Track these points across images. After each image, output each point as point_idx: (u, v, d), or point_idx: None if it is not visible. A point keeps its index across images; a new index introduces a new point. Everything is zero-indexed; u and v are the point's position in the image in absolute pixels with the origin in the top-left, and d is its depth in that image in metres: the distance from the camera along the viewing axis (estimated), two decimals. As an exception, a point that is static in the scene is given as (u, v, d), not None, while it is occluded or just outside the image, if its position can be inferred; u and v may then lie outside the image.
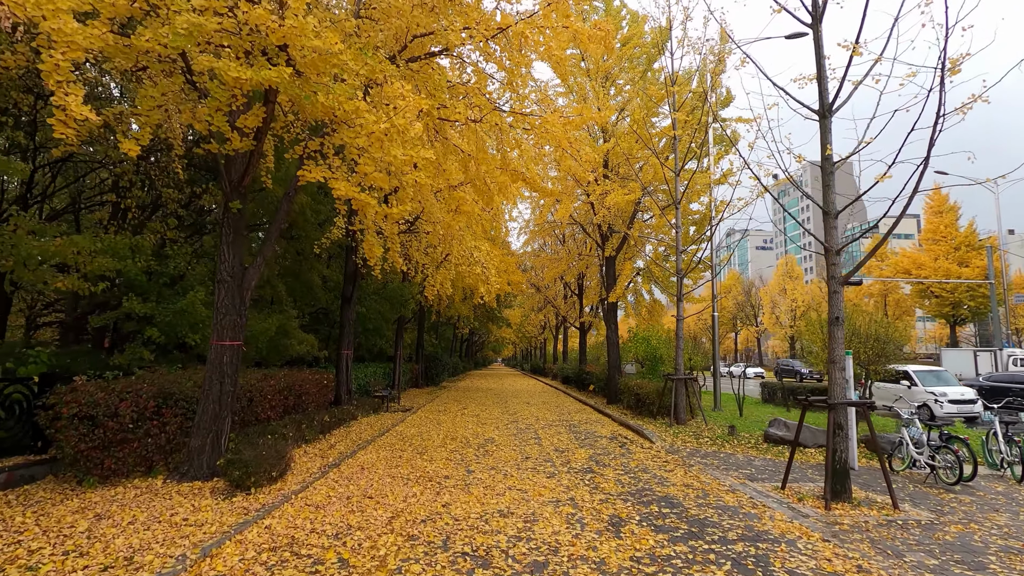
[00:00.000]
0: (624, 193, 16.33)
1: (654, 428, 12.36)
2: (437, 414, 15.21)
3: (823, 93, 7.16)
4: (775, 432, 10.61)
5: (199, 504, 5.62)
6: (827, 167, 7.04)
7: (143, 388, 6.44)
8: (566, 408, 17.63)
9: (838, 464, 6.58)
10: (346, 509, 5.76)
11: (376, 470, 7.75)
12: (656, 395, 13.99)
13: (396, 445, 9.90)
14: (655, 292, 20.60)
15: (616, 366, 18.30)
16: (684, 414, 12.96)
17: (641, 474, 7.96)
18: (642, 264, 19.51)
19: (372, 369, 16.62)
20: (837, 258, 6.97)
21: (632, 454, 9.61)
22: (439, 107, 7.29)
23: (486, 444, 10.29)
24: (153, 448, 6.52)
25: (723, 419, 14.01)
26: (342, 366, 12.53)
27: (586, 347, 26.13)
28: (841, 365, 6.82)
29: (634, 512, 5.98)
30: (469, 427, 12.61)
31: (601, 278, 20.80)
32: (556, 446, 10.26)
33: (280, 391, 9.31)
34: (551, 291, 29.47)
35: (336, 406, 12.28)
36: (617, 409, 16.47)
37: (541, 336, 52.18)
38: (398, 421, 13.05)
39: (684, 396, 13.04)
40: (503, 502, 6.25)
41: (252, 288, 6.82)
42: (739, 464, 8.79)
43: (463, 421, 13.70)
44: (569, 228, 25.80)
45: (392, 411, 15.24)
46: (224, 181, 6.61)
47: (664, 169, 14.41)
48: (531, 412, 16.21)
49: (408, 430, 11.84)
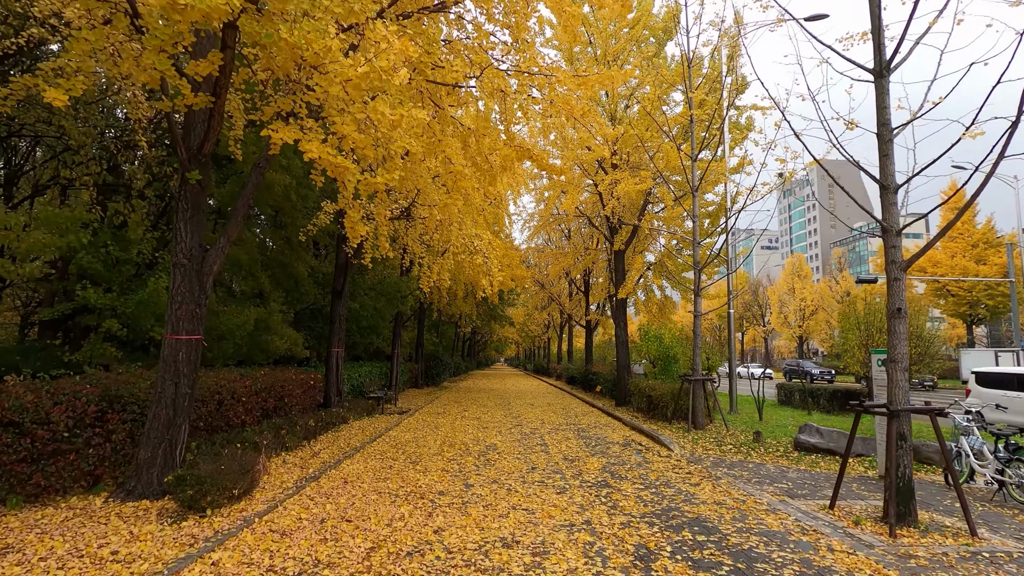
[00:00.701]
0: (635, 182, 15.36)
1: (670, 433, 11.35)
2: (435, 417, 14.23)
3: (879, 48, 6.16)
4: (807, 439, 9.59)
5: (139, 531, 4.65)
6: (885, 134, 6.03)
7: (84, 390, 5.48)
8: (573, 410, 16.64)
9: (902, 482, 5.57)
10: (317, 537, 4.77)
11: (361, 484, 6.77)
12: (671, 397, 12.98)
13: (387, 453, 8.92)
14: (666, 288, 19.58)
15: (625, 366, 17.29)
16: (702, 418, 11.95)
17: (664, 489, 6.96)
18: (653, 258, 18.50)
19: (367, 368, 15.67)
20: (897, 239, 5.95)
21: (650, 464, 8.60)
22: (433, 67, 6.32)
23: (487, 452, 9.31)
24: (96, 460, 5.56)
25: (742, 423, 13.00)
26: (332, 365, 11.58)
27: (592, 346, 25.13)
28: (904, 365, 5.80)
29: (663, 540, 4.98)
30: (469, 431, 11.63)
31: (609, 273, 19.80)
32: (565, 454, 9.27)
33: (257, 393, 8.35)
34: (556, 288, 28.47)
35: (325, 408, 11.31)
36: (627, 412, 15.47)
37: (545, 335, 51.18)
38: (393, 425, 12.08)
39: (703, 399, 12.03)
40: (507, 526, 5.26)
41: (214, 273, 5.86)
42: (772, 476, 7.78)
43: (463, 425, 12.72)
44: (575, 222, 24.82)
45: (388, 413, 14.28)
46: (180, 147, 5.65)
47: (680, 155, 13.41)
48: (536, 415, 15.22)
49: (403, 435, 10.86)
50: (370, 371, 15.92)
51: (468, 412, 15.59)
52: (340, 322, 11.74)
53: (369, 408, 13.44)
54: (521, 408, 16.97)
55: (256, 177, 6.07)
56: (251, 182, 6.04)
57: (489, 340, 68.37)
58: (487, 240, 9.76)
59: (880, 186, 6.05)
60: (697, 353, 12.08)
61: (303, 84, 5.35)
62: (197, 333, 5.77)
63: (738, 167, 16.71)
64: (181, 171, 5.72)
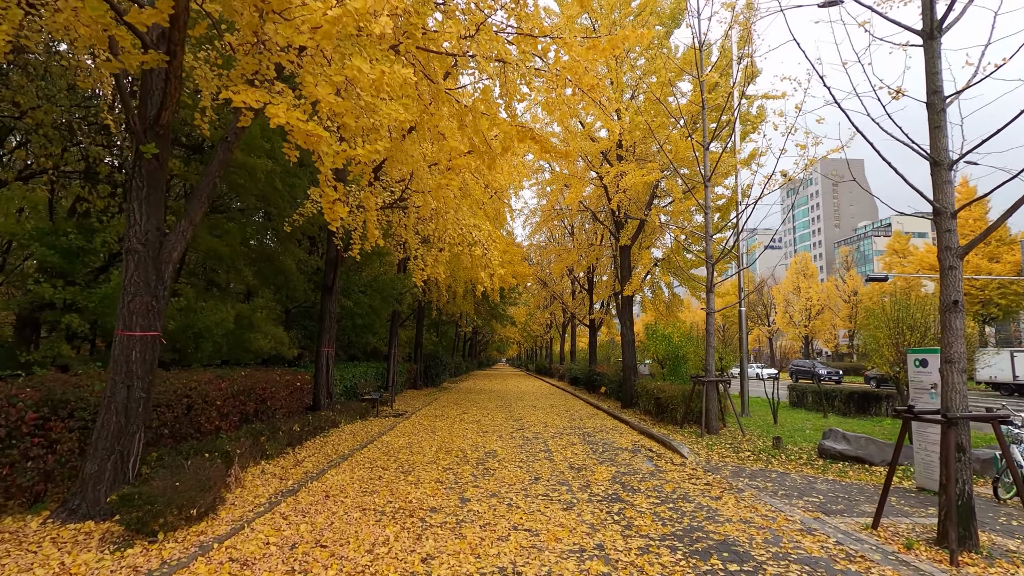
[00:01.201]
0: (642, 174, 14.65)
1: (682, 439, 10.62)
2: (433, 420, 13.52)
3: (930, 6, 5.43)
4: (833, 446, 8.85)
5: (72, 561, 3.94)
6: (937, 103, 5.30)
7: (22, 394, 4.77)
8: (577, 413, 15.92)
9: (962, 500, 4.84)
10: (283, 568, 4.06)
11: (344, 499, 6.06)
12: (681, 400, 12.25)
13: (378, 461, 8.20)
14: (674, 286, 18.83)
15: (632, 366, 16.57)
16: (716, 422, 11.22)
17: (683, 504, 6.24)
18: (660, 254, 17.76)
19: (362, 369, 14.97)
20: (952, 222, 5.22)
21: (664, 473, 7.88)
22: (424, 32, 5.61)
23: (486, 459, 8.59)
24: (37, 475, 4.86)
25: (756, 427, 12.27)
26: (322, 365, 10.88)
27: (596, 346, 24.40)
28: (961, 366, 5.07)
29: (690, 571, 4.26)
30: (468, 436, 10.92)
31: (615, 270, 19.07)
32: (571, 461, 8.55)
33: (235, 395, 7.63)
34: (558, 286, 27.75)
35: (314, 412, 10.61)
36: (634, 414, 14.74)
37: (547, 335, 50.48)
38: (387, 429, 11.37)
39: (716, 401, 11.30)
40: (507, 552, 4.55)
41: (174, 261, 5.15)
42: (799, 488, 7.05)
43: (461, 428, 12.01)
44: (579, 218, 24.12)
45: (383, 416, 13.57)
46: (133, 117, 4.95)
47: (691, 143, 12.70)
48: (538, 417, 14.50)
49: (396, 440, 10.15)
50: (365, 372, 15.22)
51: (467, 415, 14.88)
52: (330, 320, 11.03)
53: (363, 411, 12.73)
54: (523, 410, 16.25)
55: (224, 153, 5.36)
56: (218, 158, 5.33)
57: (491, 340, 67.65)
58: (487, 231, 9.05)
59: (931, 162, 5.32)
60: (710, 353, 11.35)
61: (273, 41, 4.64)
62: (153, 329, 5.06)
63: (750, 158, 16.01)
64: (135, 145, 5.01)
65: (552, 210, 19.92)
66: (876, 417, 15.08)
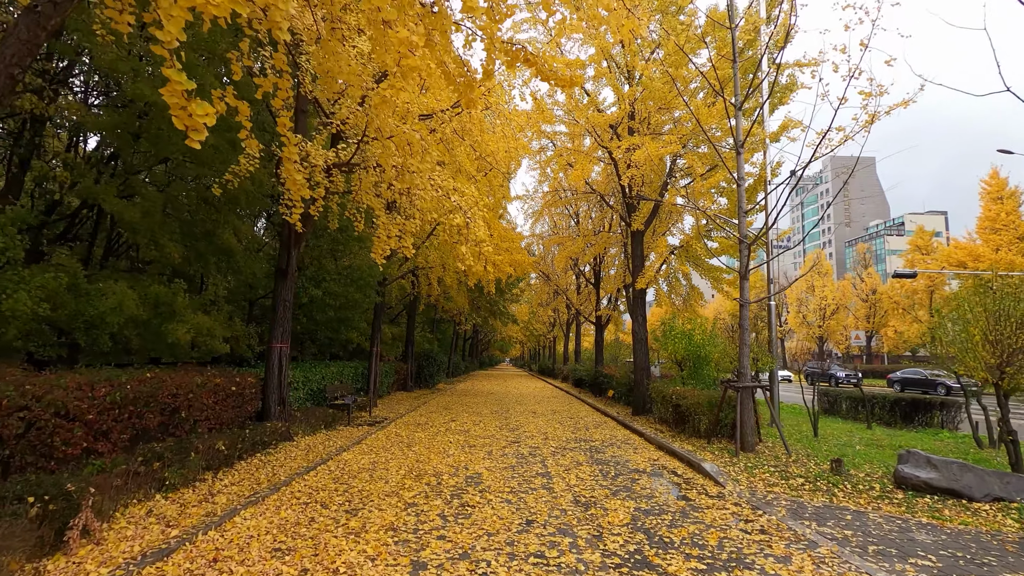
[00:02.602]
0: (658, 146, 12.71)
1: (712, 458, 8.64)
2: (414, 429, 11.58)
3: None
4: (915, 474, 6.83)
5: None
6: None
7: None
8: (582, 420, 13.94)
9: None
10: None
11: (238, 563, 4.11)
12: (707, 408, 10.27)
13: (320, 493, 6.25)
14: (692, 277, 16.80)
15: (645, 368, 14.59)
16: (752, 437, 9.23)
17: (740, 571, 4.26)
18: (677, 241, 15.75)
19: (336, 369, 13.04)
20: None
21: (700, 512, 5.90)
22: None
23: (466, 488, 6.64)
24: None
25: (794, 441, 10.27)
26: (273, 365, 8.96)
27: (603, 345, 22.40)
28: None
29: None
30: (450, 452, 8.97)
31: (625, 259, 17.06)
32: (576, 491, 6.59)
33: (120, 406, 5.69)
34: (562, 280, 25.76)
35: (261, 422, 8.69)
36: (648, 423, 12.76)
37: (550, 334, 48.52)
38: (353, 442, 9.43)
39: (753, 411, 9.31)
40: None
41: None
42: (895, 541, 5.06)
43: (445, 441, 10.06)
44: (584, 204, 22.14)
45: (356, 424, 11.64)
46: None
47: (719, 106, 10.74)
48: (538, 426, 12.54)
49: (359, 459, 8.21)
50: (340, 372, 13.29)
51: (456, 422, 12.94)
52: (285, 309, 9.11)
53: (330, 419, 10.81)
54: (521, 417, 14.28)
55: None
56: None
57: (493, 339, 65.76)
58: (471, 197, 7.10)
59: None
60: (745, 353, 9.35)
61: None
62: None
63: (779, 132, 14.02)
64: None
65: (554, 193, 17.91)
66: (929, 429, 13.04)
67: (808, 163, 8.42)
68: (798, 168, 8.45)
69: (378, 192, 7.26)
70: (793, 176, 8.39)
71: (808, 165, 8.44)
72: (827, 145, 8.50)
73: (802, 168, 8.40)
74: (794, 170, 8.39)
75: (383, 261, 6.92)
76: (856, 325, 52.16)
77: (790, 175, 8.42)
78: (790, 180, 8.45)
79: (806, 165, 8.40)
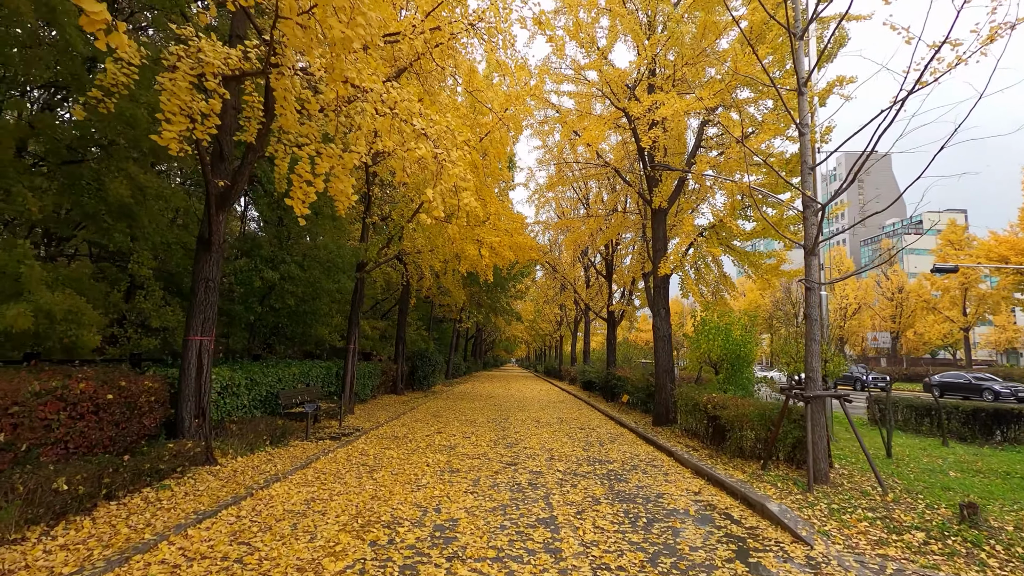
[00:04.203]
0: (686, 103, 10.49)
1: (776, 493, 6.37)
2: (387, 444, 9.37)
3: None
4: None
5: None
6: None
7: None
8: (594, 432, 11.67)
9: None
10: None
11: None
12: (758, 421, 7.99)
13: (193, 566, 4.04)
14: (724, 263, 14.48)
15: (668, 369, 12.30)
16: (826, 463, 6.94)
17: None
18: (705, 221, 13.45)
19: (297, 369, 10.82)
20: None
21: (800, 607, 3.64)
22: None
23: (428, 551, 4.41)
24: None
25: (861, 463, 7.96)
26: (189, 364, 6.78)
27: (615, 344, 20.09)
28: None
29: None
30: (424, 480, 6.75)
31: (644, 243, 14.76)
32: (594, 558, 4.35)
33: None
34: (570, 273, 23.46)
35: (173, 439, 6.52)
36: (674, 437, 10.49)
37: (556, 333, 46.22)
38: (297, 466, 7.23)
39: (826, 429, 7.02)
40: None
41: None
42: None
43: (421, 462, 7.85)
44: (594, 189, 19.85)
45: (317, 438, 9.45)
46: None
47: (786, 15, 8.52)
48: (541, 440, 10.30)
49: (291, 495, 5.99)
50: (303, 373, 11.09)
51: (443, 434, 10.72)
52: (208, 291, 6.93)
53: (279, 432, 8.62)
54: (521, 428, 12.03)
55: None
56: None
57: (498, 339, 63.54)
58: (444, 127, 4.92)
59: None
60: (815, 351, 7.07)
61: None
62: None
63: (828, 89, 11.73)
64: None
65: (560, 167, 15.60)
66: (1018, 445, 10.69)
67: (912, 90, 6.11)
68: (899, 95, 6.13)
69: (302, 102, 4.96)
70: (896, 105, 6.07)
71: (913, 91, 6.12)
72: (932, 72, 6.17)
73: (907, 94, 6.08)
74: (897, 97, 6.07)
75: (307, 211, 4.71)
76: (879, 326, 49.49)
77: (892, 103, 6.11)
78: (885, 113, 6.14)
79: (911, 92, 6.08)
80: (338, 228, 12.08)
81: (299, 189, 4.62)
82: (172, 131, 4.23)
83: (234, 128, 7.11)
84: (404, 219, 13.09)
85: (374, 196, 12.92)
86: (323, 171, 4.68)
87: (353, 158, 4.57)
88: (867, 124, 6.56)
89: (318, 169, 4.80)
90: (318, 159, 4.70)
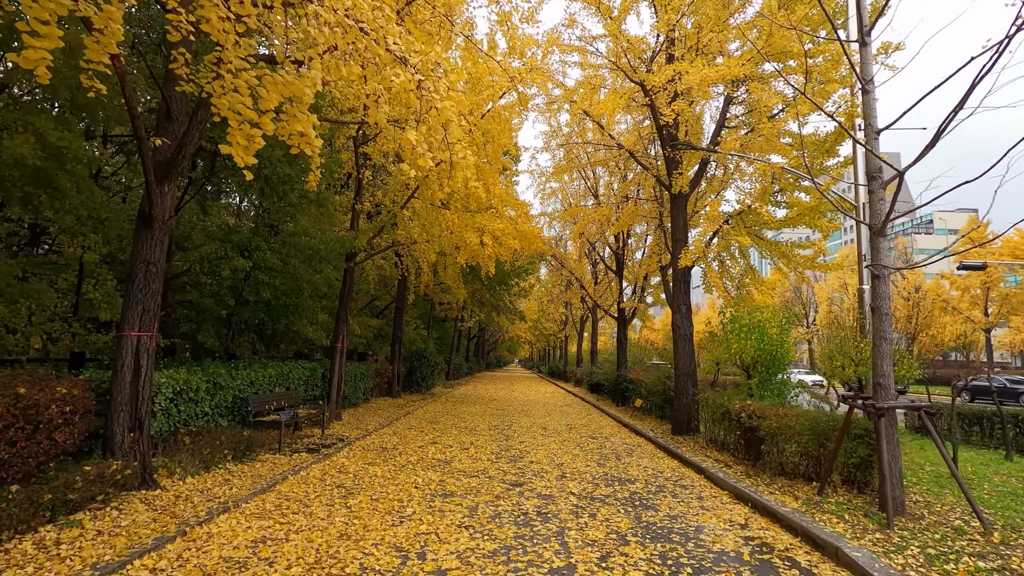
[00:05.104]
0: (715, 70, 9.26)
1: (845, 529, 5.09)
2: (373, 458, 8.13)
3: None
4: None
5: None
6: None
7: None
8: (608, 442, 10.40)
9: None
10: None
11: None
12: (810, 435, 6.72)
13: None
14: (751, 255, 13.18)
15: (690, 372, 11.04)
16: (901, 490, 5.66)
17: None
18: (730, 208, 12.14)
19: (276, 371, 9.59)
20: None
21: None
22: None
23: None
24: None
25: (922, 483, 6.69)
26: (124, 365, 5.55)
27: (626, 344, 18.80)
28: None
29: None
30: (409, 508, 5.51)
31: (661, 232, 13.47)
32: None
33: None
34: (577, 269, 22.18)
35: (90, 459, 5.30)
36: (700, 449, 9.21)
37: (561, 333, 44.98)
38: (256, 490, 5.99)
39: (898, 451, 5.74)
40: None
41: None
42: None
43: (408, 483, 6.60)
44: (604, 177, 18.58)
45: (293, 450, 8.22)
46: None
47: None
48: (549, 452, 9.04)
49: (237, 534, 4.76)
50: (282, 375, 9.85)
51: (438, 445, 9.47)
52: (150, 279, 5.72)
53: (245, 446, 7.39)
54: (527, 437, 10.77)
55: None
56: None
57: (500, 339, 62.28)
58: (434, 58, 3.71)
59: None
60: (884, 353, 5.80)
61: None
62: None
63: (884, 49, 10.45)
64: None
65: (568, 150, 14.32)
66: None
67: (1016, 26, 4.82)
68: (1010, 32, 4.85)
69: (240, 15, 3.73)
70: (1005, 41, 4.80)
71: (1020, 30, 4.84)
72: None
73: (1017, 30, 4.80)
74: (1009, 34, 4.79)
75: (252, 160, 3.49)
76: (895, 327, 47.99)
77: (1002, 40, 4.84)
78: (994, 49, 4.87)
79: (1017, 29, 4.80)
80: (324, 215, 10.86)
81: (237, 132, 3.40)
82: (41, 47, 3.00)
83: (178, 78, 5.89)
84: (397, 205, 11.86)
85: (365, 179, 11.69)
86: (270, 106, 3.46)
87: (306, 84, 3.35)
88: (956, 72, 5.26)
89: (264, 104, 3.57)
90: (261, 89, 3.48)
